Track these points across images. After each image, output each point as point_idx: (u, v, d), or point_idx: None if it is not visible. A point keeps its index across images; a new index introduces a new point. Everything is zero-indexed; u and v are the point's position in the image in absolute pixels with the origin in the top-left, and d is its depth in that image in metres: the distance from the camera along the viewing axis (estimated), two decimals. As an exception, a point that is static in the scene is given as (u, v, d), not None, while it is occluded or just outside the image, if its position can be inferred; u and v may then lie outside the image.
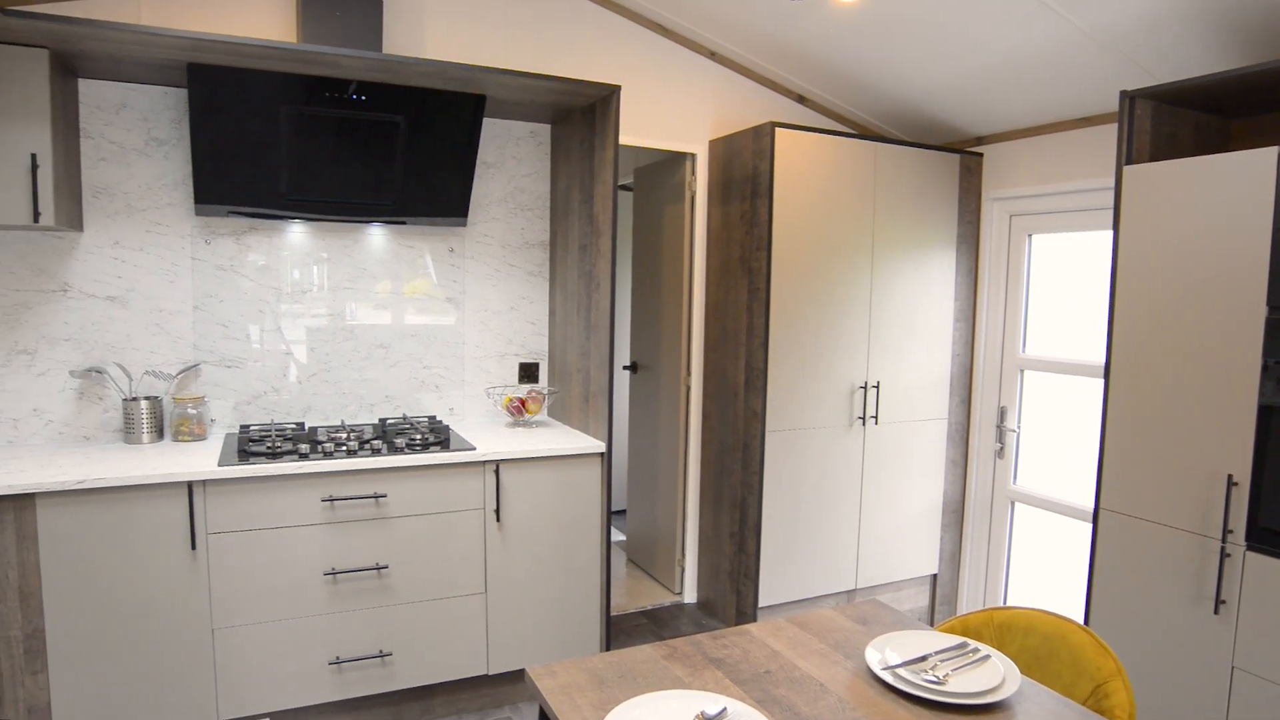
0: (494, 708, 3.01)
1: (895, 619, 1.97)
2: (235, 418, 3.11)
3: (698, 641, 1.84)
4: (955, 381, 3.89)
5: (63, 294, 2.85)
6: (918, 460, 3.85)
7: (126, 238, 2.91)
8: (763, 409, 3.42)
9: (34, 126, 2.46)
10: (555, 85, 2.89)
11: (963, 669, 1.62)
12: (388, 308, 3.31)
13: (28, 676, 2.36)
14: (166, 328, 2.99)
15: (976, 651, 1.69)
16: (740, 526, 3.60)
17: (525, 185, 3.49)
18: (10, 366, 2.80)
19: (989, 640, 1.90)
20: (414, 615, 2.79)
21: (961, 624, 1.94)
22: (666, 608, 3.93)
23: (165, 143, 2.93)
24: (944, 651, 1.69)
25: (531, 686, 1.63)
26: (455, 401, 3.45)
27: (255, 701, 2.61)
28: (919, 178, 3.68)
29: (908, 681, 1.57)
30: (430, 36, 3.24)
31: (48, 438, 2.87)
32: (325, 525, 2.64)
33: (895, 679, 1.59)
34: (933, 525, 3.93)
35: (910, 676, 1.58)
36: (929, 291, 3.77)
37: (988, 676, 1.59)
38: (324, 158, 2.89)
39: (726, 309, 3.67)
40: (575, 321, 3.30)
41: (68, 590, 2.37)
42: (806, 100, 3.97)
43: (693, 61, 3.74)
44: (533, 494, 2.92)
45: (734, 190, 3.59)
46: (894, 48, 3.17)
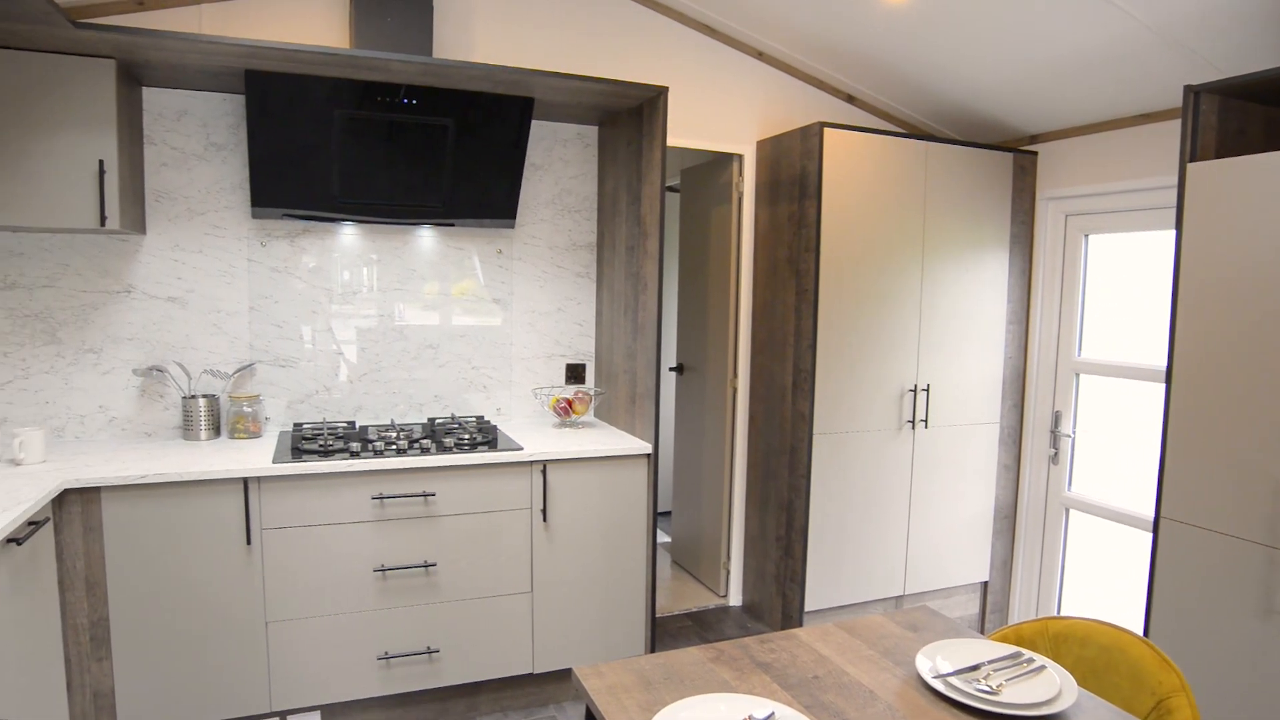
0: (538, 706, 3.03)
1: (946, 626, 1.93)
2: (289, 416, 3.17)
3: (745, 645, 1.83)
4: (1008, 385, 3.81)
5: (126, 295, 2.94)
6: (969, 465, 3.77)
7: (186, 240, 3.00)
8: (810, 412, 3.39)
9: (101, 134, 2.54)
10: (603, 87, 2.90)
11: (1017, 679, 1.58)
12: (436, 309, 3.35)
13: (93, 663, 2.44)
14: (224, 328, 3.07)
15: (1031, 661, 1.65)
16: (787, 530, 3.57)
17: (572, 187, 3.50)
18: (78, 365, 2.90)
19: (1044, 651, 1.86)
20: (461, 613, 2.82)
21: (1015, 633, 1.89)
22: (711, 610, 3.92)
23: (223, 147, 3.01)
24: (997, 661, 1.65)
25: (579, 686, 1.64)
26: (503, 402, 3.48)
27: (306, 694, 2.67)
28: (971, 177, 3.61)
29: (960, 690, 1.54)
30: (479, 39, 3.28)
31: (112, 434, 2.96)
32: (375, 523, 2.68)
33: (947, 688, 1.56)
34: (984, 531, 3.85)
35: (962, 685, 1.55)
36: (981, 293, 3.69)
37: (1043, 687, 1.55)
38: (375, 161, 2.94)
39: (774, 311, 3.64)
40: (622, 323, 3.31)
41: (130, 581, 2.44)
42: (855, 100, 3.92)
43: (740, 62, 3.72)
44: (579, 494, 2.93)
45: (782, 191, 3.57)
46: (946, 45, 3.12)
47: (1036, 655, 1.67)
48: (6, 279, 2.80)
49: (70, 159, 2.52)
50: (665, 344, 5.12)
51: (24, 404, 2.85)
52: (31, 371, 2.85)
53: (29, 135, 2.47)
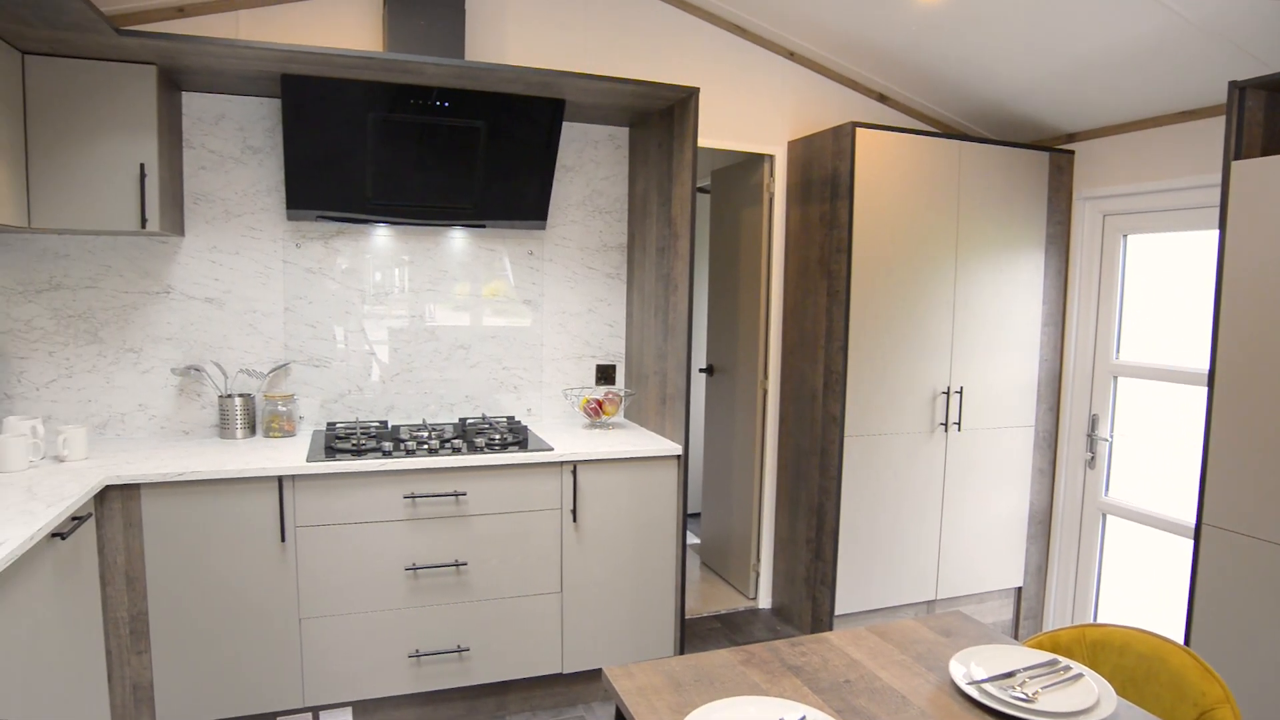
0: (567, 706, 3.04)
1: (980, 632, 1.91)
2: (322, 415, 3.21)
3: (775, 648, 1.82)
4: (1043, 387, 3.75)
5: (165, 295, 3.00)
6: (1002, 468, 3.72)
7: (223, 242, 3.05)
8: (841, 413, 3.36)
9: (142, 138, 2.60)
10: (634, 88, 2.90)
11: (1053, 687, 1.55)
12: (467, 309, 3.38)
13: (133, 656, 2.49)
14: (259, 328, 3.11)
15: (1068, 669, 1.62)
16: (817, 532, 3.55)
17: (603, 188, 3.51)
18: (119, 364, 2.96)
19: (1081, 658, 1.83)
20: (491, 612, 2.83)
21: (1051, 640, 1.86)
22: (740, 613, 3.90)
23: (260, 151, 3.05)
24: (1033, 668, 1.63)
25: (609, 687, 1.64)
26: (533, 402, 3.50)
27: (338, 690, 2.70)
28: (1006, 177, 3.56)
29: (994, 698, 1.52)
30: (511, 42, 3.30)
31: (151, 431, 3.02)
32: (407, 521, 2.70)
33: (981, 694, 1.54)
34: (1018, 536, 3.80)
35: (997, 692, 1.52)
36: (1016, 294, 3.64)
37: (1081, 696, 1.52)
38: (408, 163, 2.97)
39: (805, 312, 3.62)
40: (652, 324, 3.30)
41: (169, 576, 2.49)
42: (888, 99, 3.89)
43: (771, 62, 3.70)
44: (609, 495, 2.93)
45: (813, 191, 3.54)
46: (980, 43, 3.08)
47: (1073, 663, 1.65)
48: (52, 280, 2.87)
49: (113, 163, 2.57)
50: (695, 345, 5.11)
51: (68, 402, 2.92)
52: (75, 370, 2.92)
53: (74, 140, 2.53)
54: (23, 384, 2.87)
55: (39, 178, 2.51)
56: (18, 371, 2.86)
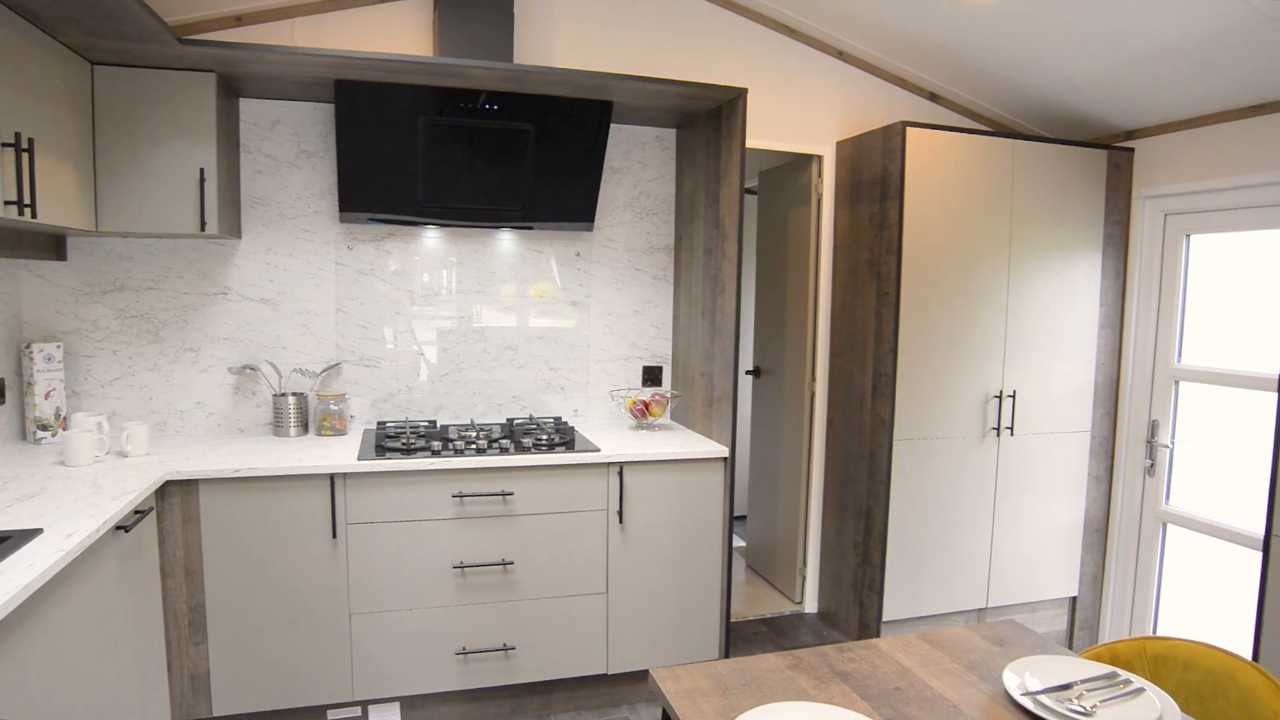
0: (612, 707, 3.04)
1: (1035, 642, 1.86)
2: (372, 415, 3.27)
3: (823, 653, 1.80)
4: (1099, 392, 3.65)
5: (223, 296, 3.08)
6: (1057, 475, 3.63)
7: (278, 244, 3.12)
8: (890, 417, 3.32)
9: (202, 144, 2.67)
10: (682, 90, 2.90)
11: (1112, 701, 1.51)
12: (514, 310, 3.40)
13: (191, 646, 2.56)
14: (312, 328, 3.18)
15: (1128, 683, 1.57)
16: (865, 537, 3.50)
17: (650, 190, 3.51)
18: (179, 363, 3.05)
19: (1141, 672, 1.77)
20: (537, 611, 2.85)
21: (1109, 652, 1.81)
22: (786, 617, 3.87)
23: (313, 155, 3.12)
24: (1091, 680, 1.58)
25: (655, 689, 1.63)
26: (580, 403, 3.51)
27: (387, 685, 2.74)
28: (1061, 176, 3.48)
29: (1050, 710, 1.48)
30: (558, 44, 3.32)
31: (208, 429, 3.10)
32: (455, 520, 2.73)
33: (1036, 706, 1.50)
34: (1073, 544, 3.70)
35: (1053, 705, 1.48)
36: (1071, 296, 3.55)
37: (1141, 711, 1.47)
38: (457, 166, 3.00)
39: (853, 314, 3.57)
40: (699, 325, 3.30)
41: (225, 569, 2.55)
42: (939, 98, 3.82)
43: (820, 61, 3.67)
44: (655, 497, 2.93)
45: (862, 192, 3.50)
46: (1035, 39, 3.01)
47: (1134, 677, 1.60)
48: (116, 281, 2.96)
49: (174, 168, 2.65)
50: (742, 347, 5.09)
51: (130, 399, 3.01)
52: (137, 369, 3.01)
53: (139, 147, 2.61)
54: (89, 381, 2.97)
55: (106, 183, 2.60)
56: (85, 369, 2.96)
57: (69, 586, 1.80)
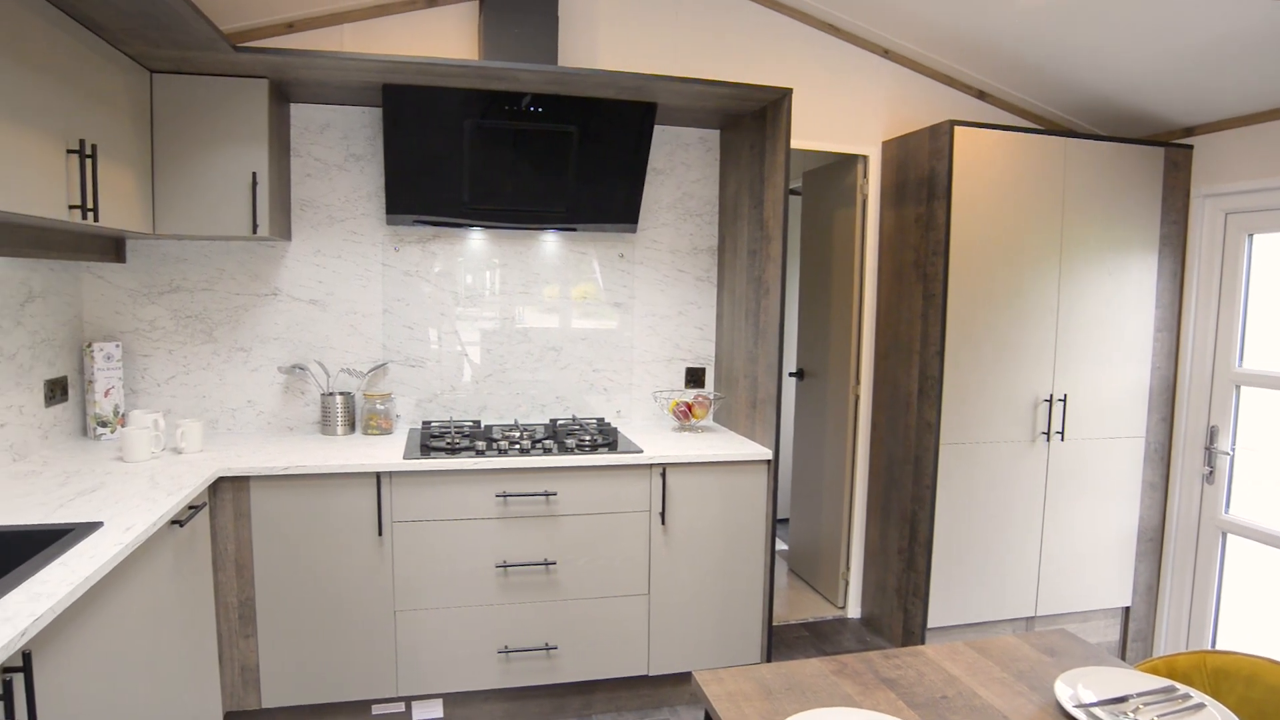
0: (653, 708, 3.04)
1: (1087, 652, 1.82)
2: (417, 414, 3.31)
3: (868, 659, 1.77)
4: (1155, 396, 3.55)
5: (273, 297, 3.14)
6: (1109, 481, 3.54)
7: (327, 246, 3.17)
8: (937, 420, 3.26)
9: (254, 148, 2.73)
10: (726, 91, 2.88)
11: (1171, 716, 1.46)
12: (557, 312, 3.42)
13: (241, 639, 2.61)
14: (359, 329, 3.23)
15: (1188, 698, 1.52)
16: (910, 542, 3.45)
17: (694, 191, 3.50)
18: (230, 362, 3.12)
19: (1201, 687, 1.72)
20: (579, 611, 2.86)
21: (1167, 665, 1.76)
22: (829, 621, 3.83)
23: (361, 158, 3.17)
24: (1147, 694, 1.54)
25: (699, 691, 1.63)
26: (622, 404, 3.51)
27: (430, 681, 2.77)
28: (1115, 175, 3.39)
29: (1106, 723, 1.44)
30: (602, 46, 3.33)
31: (258, 427, 3.17)
32: (498, 520, 2.75)
33: (1090, 718, 1.46)
34: (1126, 553, 3.60)
35: (1107, 718, 1.44)
36: (1125, 298, 3.46)
37: (1203, 725, 1.43)
38: (502, 168, 3.03)
39: (899, 315, 3.53)
40: (743, 327, 3.28)
41: (274, 564, 2.60)
42: (987, 96, 3.75)
43: (865, 61, 3.63)
44: (698, 499, 2.92)
45: (909, 192, 3.45)
46: (1088, 34, 2.94)
47: (1193, 691, 1.55)
48: (172, 283, 3.04)
49: (228, 172, 2.72)
50: (785, 349, 5.05)
51: (185, 397, 3.09)
52: (191, 368, 3.09)
53: (194, 152, 2.68)
54: (146, 380, 3.05)
55: (162, 187, 2.67)
56: (142, 368, 3.04)
57: (126, 578, 1.86)
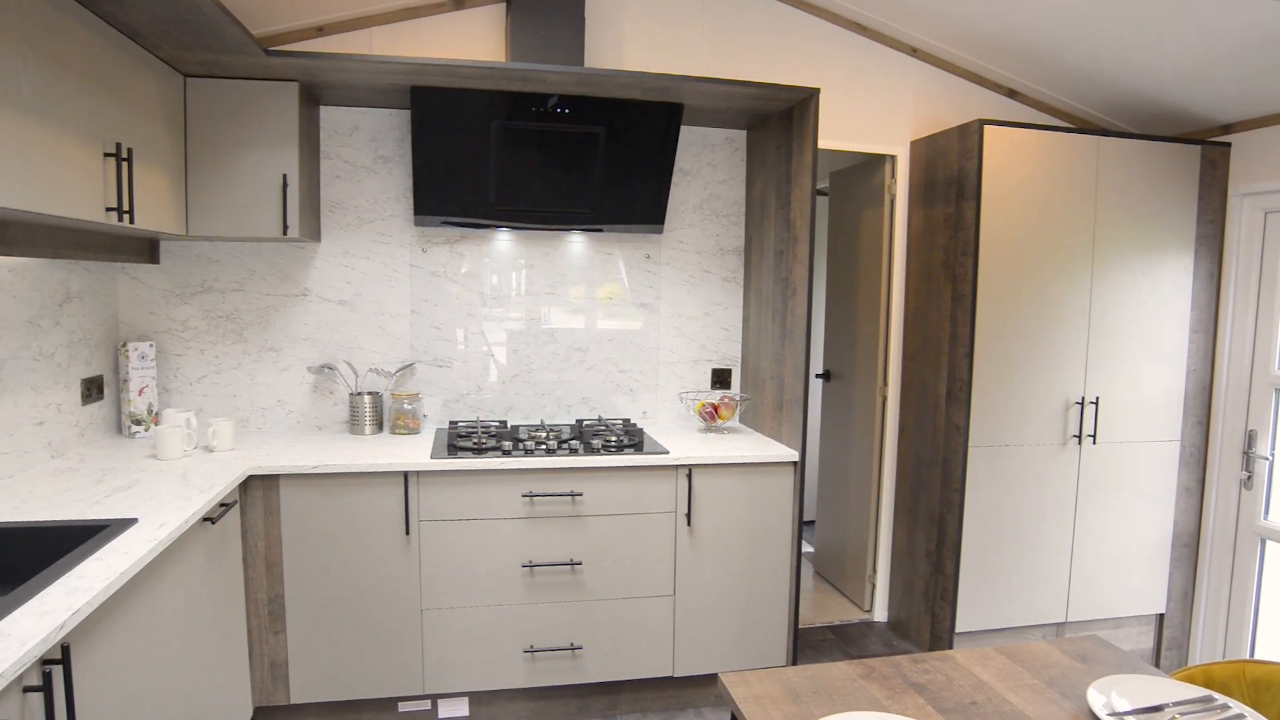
0: (677, 709, 3.03)
1: (1120, 660, 1.79)
2: (444, 414, 3.33)
3: (896, 663, 1.76)
4: (1190, 400, 3.49)
5: (303, 298, 3.18)
6: (1143, 485, 3.48)
7: (355, 247, 3.20)
8: (966, 422, 3.23)
9: (285, 151, 2.76)
10: (753, 91, 2.87)
11: (1209, 724, 1.43)
12: (583, 312, 3.43)
13: (271, 635, 2.64)
14: (387, 329, 3.25)
15: (1226, 708, 1.49)
16: (938, 545, 3.41)
17: (720, 192, 3.50)
18: (261, 362, 3.16)
19: (1240, 698, 1.68)
20: (604, 612, 2.86)
21: (1204, 674, 1.72)
22: (855, 625, 3.80)
23: (389, 160, 3.19)
24: (1184, 704, 1.51)
25: (725, 693, 1.62)
26: (648, 405, 3.51)
27: (456, 680, 2.78)
28: (1150, 173, 3.33)
29: (1141, 731, 1.41)
30: (629, 47, 3.33)
31: (288, 425, 3.21)
32: (524, 520, 2.76)
33: (1125, 726, 1.44)
34: (1160, 559, 3.54)
35: (1144, 725, 1.42)
36: (1160, 299, 3.40)
37: (1241, 735, 1.40)
38: (528, 169, 3.04)
39: (928, 316, 3.49)
40: (770, 328, 3.26)
41: (303, 562, 2.63)
42: (1018, 94, 3.71)
43: (893, 60, 3.60)
44: (724, 500, 2.91)
45: (937, 192, 3.42)
46: (1121, 30, 2.89)
47: (1232, 701, 1.51)
48: (204, 283, 3.09)
49: (259, 174, 2.75)
50: (812, 350, 5.03)
51: (216, 396, 3.13)
52: (222, 367, 3.13)
53: (226, 155, 2.72)
54: (178, 379, 3.10)
55: (196, 189, 2.71)
56: (175, 367, 3.09)
57: (160, 574, 1.88)
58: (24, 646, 1.27)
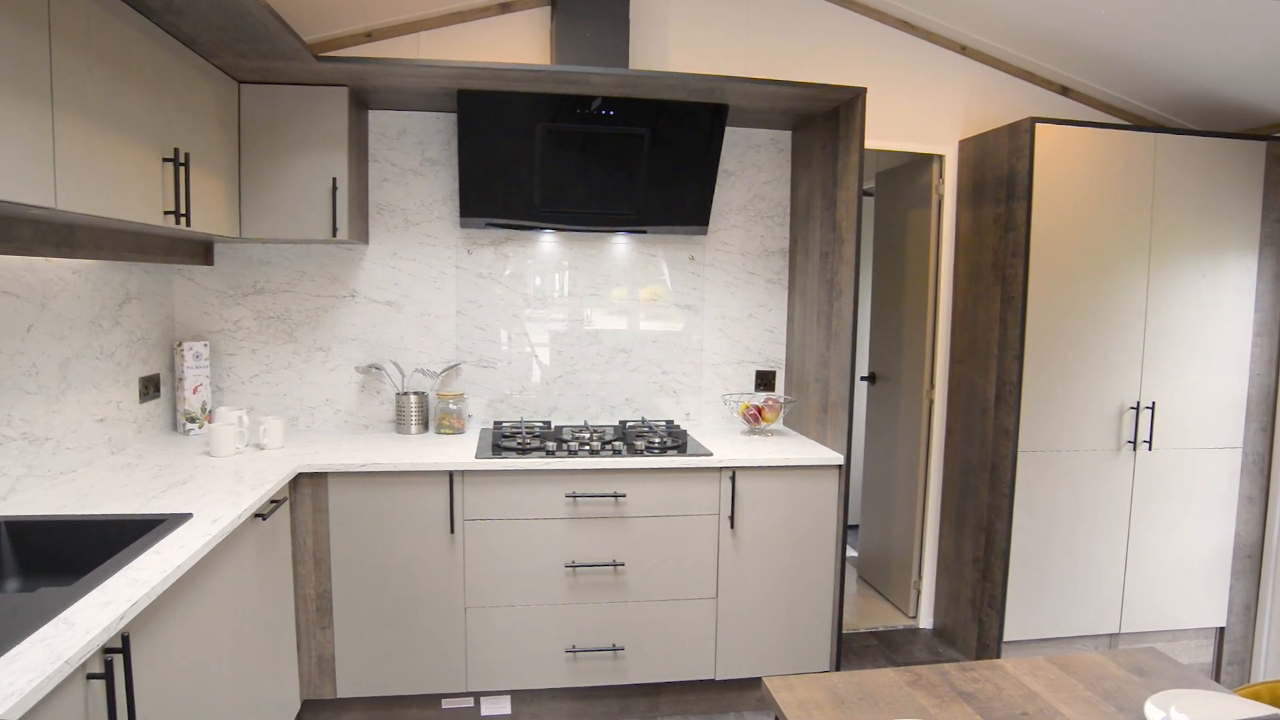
0: (719, 713, 3.01)
1: (1179, 673, 1.73)
2: (489, 414, 3.36)
3: (944, 671, 1.73)
4: (1254, 405, 3.37)
5: (351, 299, 3.23)
6: (1202, 494, 3.37)
7: (402, 249, 3.25)
8: (1015, 427, 3.16)
9: (335, 154, 2.81)
10: (798, 91, 2.85)
11: (1275, 740, 1.38)
12: (628, 314, 3.43)
13: (318, 630, 2.69)
14: (433, 330, 3.29)
15: (1293, 722, 1.43)
16: (985, 552, 3.35)
17: (765, 193, 3.47)
18: (310, 362, 3.22)
19: (1308, 712, 1.61)
20: (646, 613, 2.86)
21: (1270, 691, 1.66)
22: (899, 631, 3.74)
23: (436, 163, 3.23)
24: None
25: (769, 698, 1.61)
26: (692, 407, 3.50)
27: (498, 678, 2.80)
28: (1211, 171, 3.23)
29: (1203, 746, 1.37)
30: (673, 48, 3.33)
31: (335, 424, 3.26)
32: (567, 520, 2.77)
33: (1186, 741, 1.39)
34: (1220, 570, 3.43)
35: (1206, 741, 1.37)
36: (1221, 301, 3.30)
37: (1310, 753, 1.34)
38: (573, 171, 3.05)
39: (976, 318, 3.43)
40: (815, 330, 3.23)
41: (350, 559, 2.67)
42: (1070, 91, 3.63)
43: (941, 58, 3.54)
44: (767, 503, 2.89)
45: (986, 192, 3.36)
46: (1178, 24, 2.81)
47: (1300, 715, 1.46)
48: (256, 285, 3.16)
49: (309, 178, 2.80)
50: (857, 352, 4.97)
51: (267, 395, 3.20)
52: (273, 367, 3.20)
53: (277, 159, 2.78)
54: (231, 378, 3.17)
55: (248, 193, 2.78)
56: (227, 366, 3.17)
57: (213, 568, 1.93)
58: (88, 635, 1.31)
